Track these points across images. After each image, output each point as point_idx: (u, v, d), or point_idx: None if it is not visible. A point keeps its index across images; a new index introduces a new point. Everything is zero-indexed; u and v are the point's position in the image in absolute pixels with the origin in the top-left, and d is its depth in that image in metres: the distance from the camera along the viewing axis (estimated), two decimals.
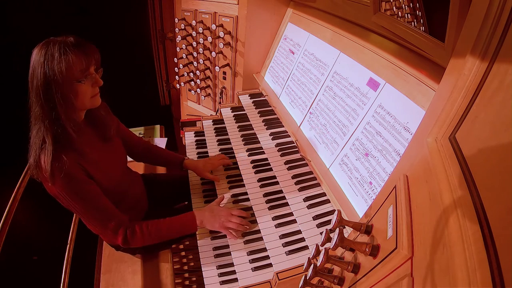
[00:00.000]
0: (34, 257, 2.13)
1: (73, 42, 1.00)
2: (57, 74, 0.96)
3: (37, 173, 1.05)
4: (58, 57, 0.96)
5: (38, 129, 1.01)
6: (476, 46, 0.56)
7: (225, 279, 1.19)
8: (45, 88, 0.97)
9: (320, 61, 1.49)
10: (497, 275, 0.33)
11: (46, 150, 1.00)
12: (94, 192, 1.12)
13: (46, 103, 0.99)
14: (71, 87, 1.00)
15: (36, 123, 1.02)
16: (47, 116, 1.00)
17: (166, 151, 1.64)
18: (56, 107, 0.99)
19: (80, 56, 0.99)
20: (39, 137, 1.01)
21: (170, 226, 1.24)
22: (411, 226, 0.55)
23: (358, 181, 1.11)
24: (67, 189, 1.05)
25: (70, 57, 0.97)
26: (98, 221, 1.15)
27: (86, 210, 1.12)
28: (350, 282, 0.65)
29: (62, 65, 0.96)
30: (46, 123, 1.00)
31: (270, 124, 1.64)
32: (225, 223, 1.25)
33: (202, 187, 1.56)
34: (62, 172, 1.01)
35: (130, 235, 1.18)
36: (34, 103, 1.00)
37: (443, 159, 0.55)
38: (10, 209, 1.28)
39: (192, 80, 2.31)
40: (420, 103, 0.95)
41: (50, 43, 0.98)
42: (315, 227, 1.16)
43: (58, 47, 0.97)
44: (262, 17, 1.83)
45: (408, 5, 1.05)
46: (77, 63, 0.99)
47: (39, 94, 0.98)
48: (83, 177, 1.08)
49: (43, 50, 0.97)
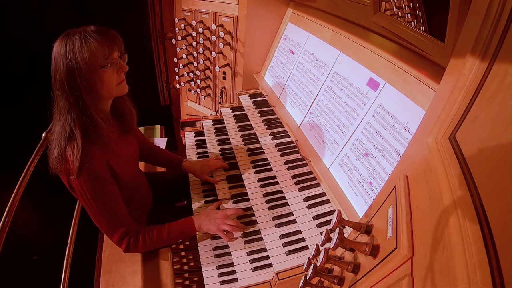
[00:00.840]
0: (34, 257, 2.13)
1: (94, 29, 0.99)
2: (80, 62, 0.95)
3: (59, 166, 1.03)
4: (79, 45, 0.95)
5: (64, 123, 1.00)
6: (476, 46, 0.56)
7: (225, 279, 1.19)
8: (69, 78, 0.96)
9: (320, 61, 1.49)
10: (497, 275, 0.33)
11: (75, 143, 0.99)
12: (114, 195, 1.13)
13: (72, 93, 0.97)
14: (96, 74, 0.99)
15: (61, 117, 1.01)
16: (74, 108, 0.98)
17: (166, 152, 1.65)
18: (82, 96, 0.98)
19: (101, 42, 0.98)
20: (65, 130, 1.00)
21: (170, 232, 1.24)
22: (411, 226, 0.55)
23: (358, 181, 1.11)
24: (90, 187, 1.05)
25: (91, 43, 0.96)
26: (109, 224, 1.16)
27: (101, 210, 1.12)
28: (350, 282, 0.65)
29: (85, 52, 0.95)
30: (73, 115, 0.99)
31: (270, 124, 1.64)
32: (221, 225, 1.25)
33: (202, 187, 1.57)
34: (90, 167, 1.01)
35: (133, 244, 1.19)
36: (59, 96, 0.99)
37: (443, 159, 0.55)
38: (10, 209, 1.28)
39: (192, 80, 2.31)
40: (420, 103, 0.95)
41: (70, 33, 0.98)
42: (315, 227, 1.16)
43: (79, 35, 0.96)
44: (262, 17, 1.83)
45: (408, 5, 1.05)
46: (99, 49, 0.97)
47: (63, 85, 0.97)
48: (107, 177, 1.09)
49: (64, 41, 0.96)
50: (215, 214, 1.29)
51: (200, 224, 1.28)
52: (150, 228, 1.23)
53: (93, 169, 1.02)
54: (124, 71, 1.08)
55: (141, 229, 1.22)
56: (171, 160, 1.60)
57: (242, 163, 1.50)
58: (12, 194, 1.34)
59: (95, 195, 1.07)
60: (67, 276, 1.37)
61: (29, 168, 1.45)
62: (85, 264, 1.54)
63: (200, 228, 1.28)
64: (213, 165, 1.55)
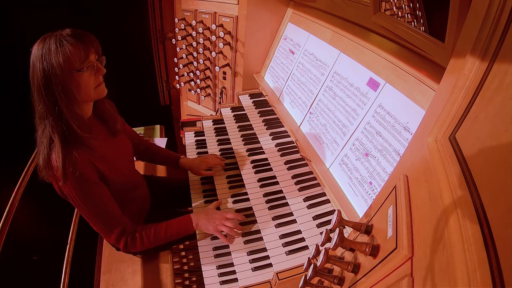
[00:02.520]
0: (34, 257, 2.13)
1: (70, 33, 0.98)
2: (56, 67, 0.94)
3: (47, 173, 1.03)
4: (55, 49, 0.94)
5: (44, 128, 1.00)
6: (476, 46, 0.56)
7: (225, 279, 1.19)
8: (45, 82, 0.96)
9: (320, 61, 1.49)
10: (497, 275, 0.33)
11: (56, 149, 0.99)
12: (104, 196, 1.12)
13: (48, 98, 0.97)
14: (72, 78, 0.99)
15: (41, 122, 1.01)
16: (50, 113, 0.98)
17: (163, 149, 1.66)
18: (57, 101, 0.97)
19: (77, 46, 0.97)
20: (46, 136, 1.00)
21: (168, 230, 1.24)
22: (411, 226, 0.55)
23: (358, 181, 1.11)
24: (78, 190, 1.05)
25: (67, 47, 0.95)
26: (105, 225, 1.16)
27: (94, 213, 1.12)
28: (350, 282, 0.65)
29: (60, 57, 0.94)
30: (50, 120, 0.99)
31: (270, 124, 1.64)
32: (219, 226, 1.25)
33: (202, 187, 1.57)
34: (75, 171, 1.00)
35: (131, 242, 1.19)
36: (37, 100, 0.99)
37: (443, 159, 0.55)
38: (10, 209, 1.28)
39: (192, 80, 2.30)
40: (420, 103, 0.95)
41: (46, 37, 0.97)
42: (315, 227, 1.16)
43: (55, 39, 0.96)
44: (262, 17, 1.83)
45: (408, 5, 1.05)
46: (75, 53, 0.97)
47: (40, 90, 0.96)
48: (95, 179, 1.08)
49: (41, 45, 0.96)
50: (214, 215, 1.28)
51: (198, 222, 1.27)
52: (147, 226, 1.23)
53: (78, 172, 1.01)
54: (101, 74, 1.07)
55: (138, 227, 1.21)
56: (168, 157, 1.60)
57: (242, 163, 1.50)
58: (12, 194, 1.34)
59: (85, 198, 1.07)
60: (67, 276, 1.37)
61: (29, 168, 1.45)
62: (85, 264, 1.54)
63: (198, 227, 1.28)
64: (211, 161, 1.55)
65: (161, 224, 1.24)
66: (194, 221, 1.27)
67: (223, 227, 1.25)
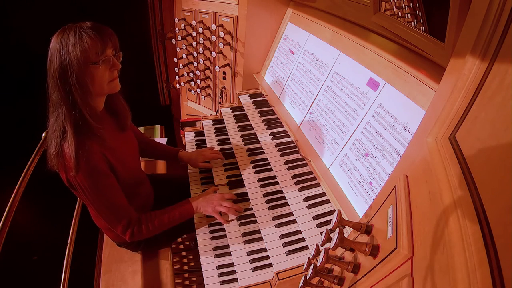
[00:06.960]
0: (34, 257, 2.13)
1: (89, 25, 1.00)
2: (72, 58, 0.96)
3: (57, 163, 1.04)
4: (73, 41, 0.96)
5: (57, 116, 1.02)
6: (476, 46, 0.56)
7: (225, 279, 1.19)
8: (61, 72, 0.97)
9: (320, 61, 1.49)
10: (497, 275, 0.33)
11: (69, 138, 1.01)
12: (114, 187, 1.14)
13: (63, 87, 0.99)
14: (87, 70, 1.00)
15: (55, 110, 1.02)
16: (64, 102, 1.00)
17: (162, 144, 1.69)
18: (72, 91, 0.99)
19: (95, 39, 0.99)
20: (59, 124, 1.02)
21: (170, 216, 1.28)
22: (411, 226, 0.55)
23: (358, 181, 1.11)
24: (90, 181, 1.06)
25: (85, 40, 0.97)
26: (113, 216, 1.18)
27: (103, 204, 1.13)
28: (350, 282, 0.65)
29: (77, 48, 0.96)
30: (64, 109, 1.00)
31: (270, 124, 1.64)
32: (217, 207, 1.30)
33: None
34: (87, 161, 1.02)
35: (137, 232, 1.22)
36: (52, 89, 1.01)
37: (443, 159, 0.55)
38: (10, 209, 1.28)
39: (192, 80, 2.30)
40: (420, 103, 0.95)
41: (66, 29, 0.99)
42: (315, 227, 1.16)
43: (74, 31, 0.97)
44: (262, 17, 1.83)
45: (408, 5, 1.05)
46: (92, 46, 0.98)
47: (56, 79, 0.98)
48: (106, 170, 1.10)
49: (59, 36, 0.98)
50: (212, 196, 1.34)
51: (197, 206, 1.32)
52: (150, 214, 1.26)
53: (91, 163, 1.03)
54: (117, 69, 1.08)
55: (142, 216, 1.24)
56: (167, 151, 1.64)
57: (242, 163, 1.51)
58: (12, 194, 1.34)
59: (96, 189, 1.08)
60: (67, 276, 1.37)
61: (29, 168, 1.45)
62: (85, 264, 1.54)
63: (198, 210, 1.33)
64: (208, 155, 1.59)
65: (163, 211, 1.29)
66: (194, 205, 1.32)
67: (221, 208, 1.30)
